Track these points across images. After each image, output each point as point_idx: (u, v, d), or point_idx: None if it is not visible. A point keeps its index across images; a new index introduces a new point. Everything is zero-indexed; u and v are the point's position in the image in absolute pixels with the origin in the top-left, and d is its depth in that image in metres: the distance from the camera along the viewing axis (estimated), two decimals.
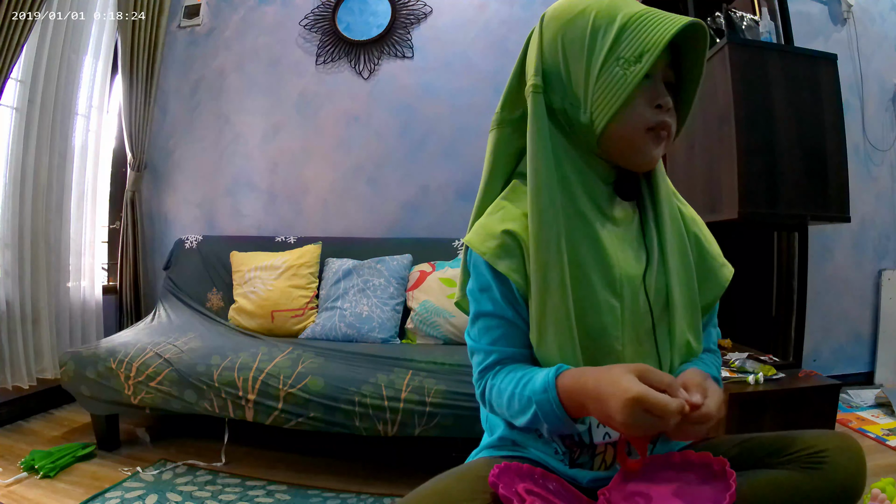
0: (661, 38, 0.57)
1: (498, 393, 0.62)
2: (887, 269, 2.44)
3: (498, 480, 0.55)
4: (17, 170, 1.92)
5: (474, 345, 0.67)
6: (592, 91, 0.61)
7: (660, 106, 0.62)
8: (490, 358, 0.65)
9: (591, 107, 0.61)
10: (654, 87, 0.62)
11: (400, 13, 2.44)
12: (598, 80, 0.60)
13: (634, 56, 0.58)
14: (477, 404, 1.36)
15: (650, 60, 0.57)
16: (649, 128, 0.62)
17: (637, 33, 0.58)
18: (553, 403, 0.56)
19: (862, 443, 1.74)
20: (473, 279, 0.67)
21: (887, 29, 2.52)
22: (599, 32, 0.60)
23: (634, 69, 0.58)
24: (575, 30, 0.62)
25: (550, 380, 0.56)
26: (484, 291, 0.65)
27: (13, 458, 1.59)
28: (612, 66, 0.59)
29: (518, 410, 0.60)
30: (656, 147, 0.63)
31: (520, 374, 0.61)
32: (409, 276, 2.09)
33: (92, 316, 2.28)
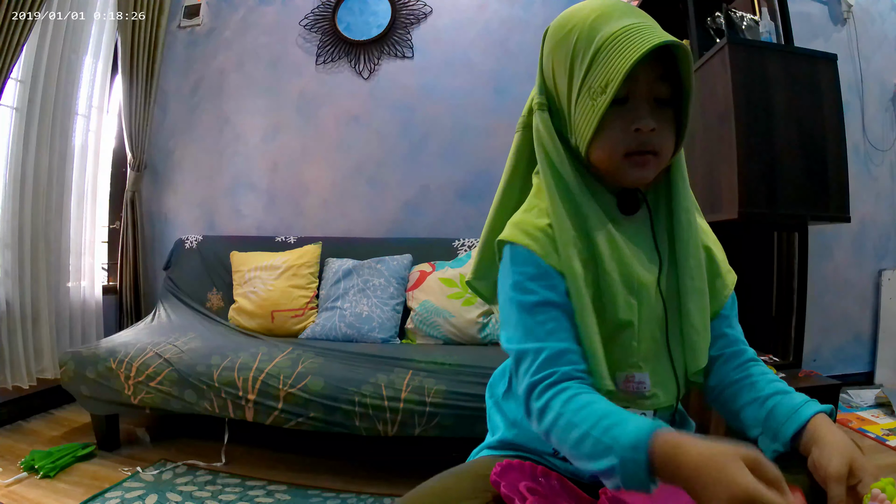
0: (622, 65, 0.55)
1: (567, 425, 0.54)
2: (887, 269, 2.44)
3: (500, 479, 0.55)
4: (17, 170, 1.92)
5: (521, 345, 0.60)
6: (574, 117, 0.62)
7: (638, 129, 0.59)
8: (547, 361, 0.58)
9: (574, 131, 0.62)
10: (631, 111, 0.60)
11: (400, 13, 2.44)
12: (576, 107, 0.61)
13: (601, 86, 0.57)
14: (477, 404, 1.37)
15: (612, 91, 0.56)
16: (628, 153, 0.60)
17: (605, 60, 0.57)
18: (641, 467, 0.48)
19: (862, 443, 1.74)
20: (518, 273, 0.62)
21: (887, 29, 2.52)
22: (577, 60, 0.60)
23: (601, 99, 0.57)
24: (560, 53, 0.62)
25: (643, 439, 0.48)
26: (536, 280, 0.61)
27: (13, 458, 1.59)
28: (584, 95, 0.59)
29: (588, 454, 0.52)
30: (639, 169, 0.61)
31: (597, 409, 0.53)
32: (409, 276, 2.09)
33: (92, 316, 2.28)
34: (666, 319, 0.65)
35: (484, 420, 0.76)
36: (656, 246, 0.66)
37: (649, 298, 0.63)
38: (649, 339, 0.63)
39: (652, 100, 0.61)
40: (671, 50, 0.59)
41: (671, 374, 0.65)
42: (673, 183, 0.67)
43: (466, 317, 1.92)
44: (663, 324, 0.65)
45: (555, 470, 0.64)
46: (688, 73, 0.60)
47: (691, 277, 0.65)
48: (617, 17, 0.59)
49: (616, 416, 0.52)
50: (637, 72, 0.56)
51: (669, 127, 0.63)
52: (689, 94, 0.62)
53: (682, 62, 0.60)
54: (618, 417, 0.52)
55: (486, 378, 1.45)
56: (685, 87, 0.62)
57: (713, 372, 0.68)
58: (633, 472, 0.48)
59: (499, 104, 2.37)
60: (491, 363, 1.51)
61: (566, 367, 0.58)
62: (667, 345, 0.65)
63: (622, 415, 0.52)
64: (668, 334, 0.65)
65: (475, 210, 2.36)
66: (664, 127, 0.62)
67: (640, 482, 0.49)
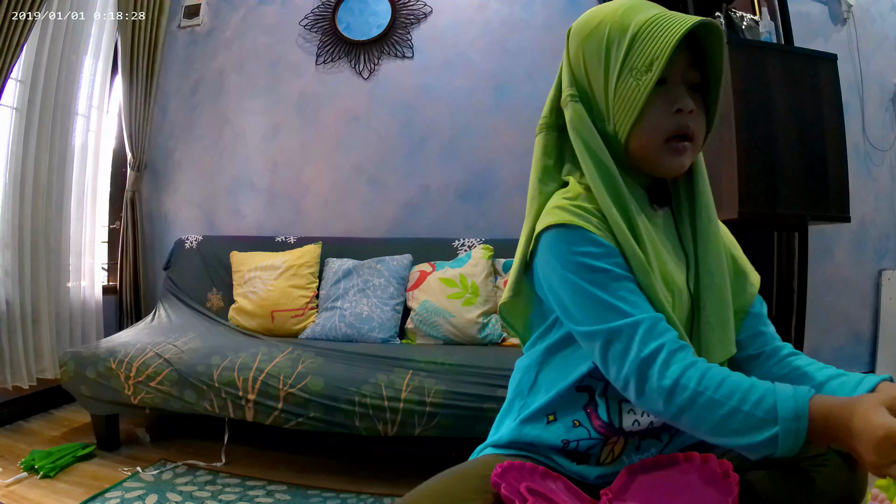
0: (667, 43, 0.57)
1: (709, 403, 0.52)
2: (887, 269, 2.44)
3: (500, 480, 0.54)
4: (17, 170, 1.92)
5: (605, 324, 0.57)
6: (612, 103, 0.62)
7: (679, 110, 0.61)
8: (649, 333, 0.56)
9: (614, 118, 0.62)
10: (671, 92, 0.62)
11: (400, 13, 2.44)
12: (615, 92, 0.61)
13: (645, 65, 0.59)
14: (477, 404, 1.37)
15: (659, 68, 0.57)
16: (668, 138, 0.62)
17: (646, 42, 0.59)
18: (801, 435, 0.49)
19: None
20: (577, 254, 0.60)
21: (887, 29, 2.52)
22: (613, 46, 0.61)
23: (646, 78, 0.58)
24: (592, 44, 0.64)
25: (802, 408, 0.49)
26: (602, 258, 0.59)
27: (13, 458, 1.59)
28: (626, 77, 0.60)
29: (737, 429, 0.52)
30: (676, 157, 0.63)
31: (737, 382, 0.53)
32: (409, 276, 2.09)
33: (92, 316, 2.28)
34: (692, 318, 0.66)
35: (484, 420, 0.76)
36: (682, 243, 0.68)
37: (681, 295, 0.65)
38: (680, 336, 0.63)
39: (687, 86, 0.63)
40: (698, 39, 0.62)
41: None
42: (695, 178, 0.68)
43: (466, 317, 1.92)
44: (688, 324, 0.66)
45: (557, 470, 0.64)
46: (720, 53, 0.62)
47: (711, 273, 0.65)
48: (645, 8, 0.62)
49: (760, 388, 0.52)
50: (672, 57, 0.58)
51: (703, 113, 0.65)
52: (719, 78, 0.64)
53: (716, 42, 0.62)
54: (763, 389, 0.52)
55: (486, 378, 1.46)
56: (717, 70, 0.64)
57: (754, 371, 0.67)
58: (793, 441, 0.49)
59: (499, 104, 2.36)
60: (491, 363, 1.52)
61: (670, 335, 0.57)
62: (693, 340, 0.65)
63: (765, 386, 0.52)
64: (692, 333, 0.66)
65: (475, 210, 2.36)
66: (699, 112, 0.64)
67: (795, 447, 0.50)
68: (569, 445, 0.65)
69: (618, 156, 0.64)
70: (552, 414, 0.66)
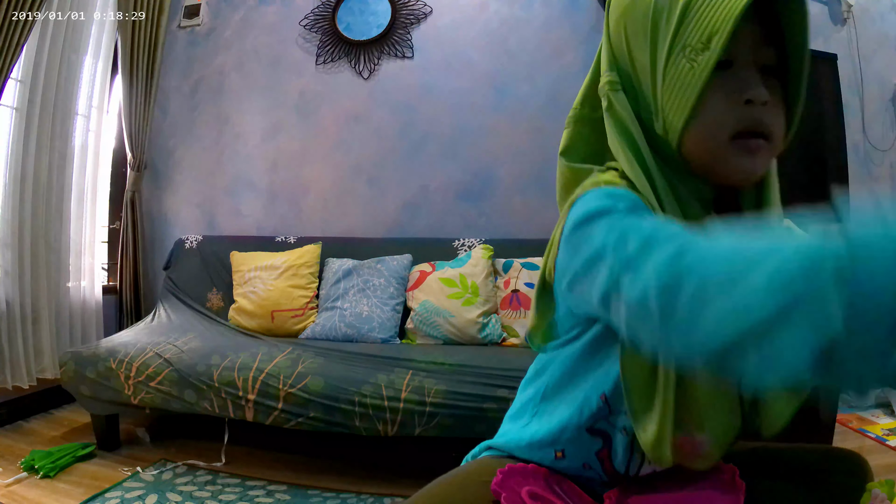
0: (731, 12, 0.43)
1: (719, 258, 0.34)
2: None
3: (500, 489, 0.53)
4: (17, 170, 1.92)
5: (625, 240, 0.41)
6: (661, 92, 0.49)
7: (750, 101, 0.47)
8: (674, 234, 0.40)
9: (663, 112, 0.49)
10: (738, 78, 0.47)
11: (400, 13, 2.44)
12: (665, 77, 0.48)
13: (702, 42, 0.45)
14: (477, 404, 1.37)
15: (720, 43, 0.43)
16: (735, 134, 0.47)
17: (704, 10, 0.45)
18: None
19: (862, 443, 1.74)
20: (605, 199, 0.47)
21: (887, 29, 2.52)
22: (662, 17, 0.48)
23: (703, 58, 0.45)
24: (636, 15, 0.50)
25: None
26: (634, 205, 0.47)
27: (13, 458, 1.59)
28: (678, 57, 0.46)
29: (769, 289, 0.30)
30: (748, 157, 0.48)
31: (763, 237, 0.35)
32: (408, 276, 2.09)
33: (92, 316, 2.28)
34: None
35: (484, 420, 0.75)
36: None
37: None
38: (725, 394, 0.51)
39: (759, 69, 0.48)
40: (772, 9, 0.48)
41: (733, 428, 0.54)
42: (765, 190, 0.53)
43: (466, 317, 1.92)
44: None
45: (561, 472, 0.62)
46: (803, 26, 0.48)
47: None
48: None
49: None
50: (738, 30, 0.44)
51: (780, 104, 0.50)
52: (803, 57, 0.49)
53: (796, 12, 0.47)
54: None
55: (486, 378, 1.46)
56: (799, 47, 0.49)
57: None
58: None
59: (499, 104, 2.36)
60: (491, 363, 1.52)
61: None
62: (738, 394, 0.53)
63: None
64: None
65: (475, 210, 2.36)
66: (776, 102, 0.49)
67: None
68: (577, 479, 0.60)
69: (670, 159, 0.51)
70: (560, 451, 0.58)
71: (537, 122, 2.29)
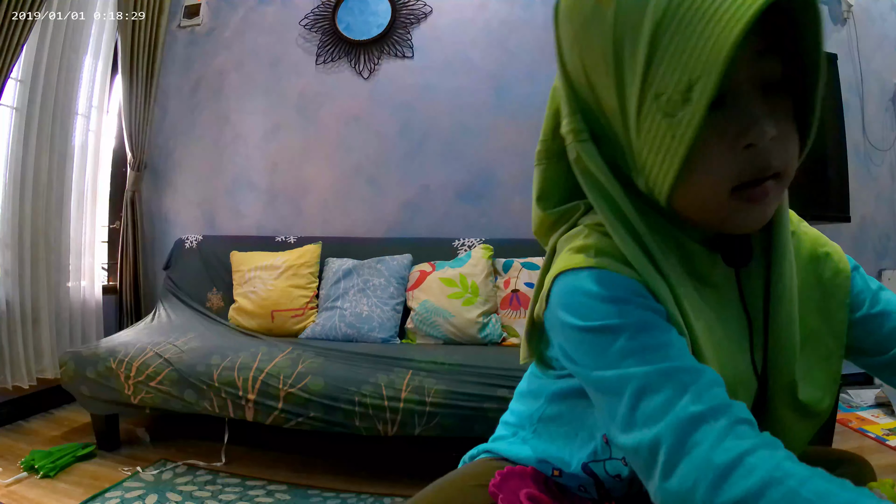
0: (716, 50, 0.33)
1: (788, 498, 0.31)
2: (887, 269, 2.44)
3: (498, 490, 0.52)
4: (17, 170, 1.92)
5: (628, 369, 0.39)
6: (637, 145, 0.39)
7: (751, 145, 0.38)
8: (706, 386, 0.38)
9: (643, 168, 0.40)
10: (735, 116, 0.38)
11: (400, 13, 2.44)
12: (638, 130, 0.38)
13: (680, 91, 0.35)
14: (477, 404, 1.37)
15: (705, 95, 0.34)
16: (738, 185, 0.39)
17: (679, 45, 0.34)
18: None
19: (862, 443, 1.74)
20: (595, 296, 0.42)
21: (887, 29, 2.52)
22: (625, 50, 0.37)
23: (684, 113, 0.35)
24: (592, 44, 0.39)
25: None
26: (633, 297, 0.42)
27: (13, 458, 1.59)
28: (650, 108, 0.37)
29: None
30: (755, 208, 0.40)
31: (826, 482, 0.32)
32: (409, 275, 2.09)
33: (92, 316, 2.28)
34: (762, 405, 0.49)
35: (484, 420, 0.75)
36: (744, 306, 0.49)
37: (745, 387, 0.47)
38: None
39: (760, 88, 0.39)
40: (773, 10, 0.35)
41: None
42: (776, 226, 0.47)
43: (466, 316, 1.92)
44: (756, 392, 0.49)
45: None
46: (816, 28, 0.37)
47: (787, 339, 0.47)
48: None
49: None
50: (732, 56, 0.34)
51: (791, 126, 0.41)
52: (817, 67, 0.39)
53: (804, 14, 0.37)
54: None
55: (486, 378, 1.46)
56: (810, 49, 0.39)
57: None
58: None
59: (499, 104, 2.36)
60: (491, 363, 1.52)
61: (740, 403, 0.37)
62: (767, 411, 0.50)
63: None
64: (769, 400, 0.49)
65: (475, 210, 2.36)
66: (785, 128, 0.40)
67: None
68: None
69: (661, 209, 0.43)
70: (558, 470, 0.55)
71: (537, 122, 2.24)
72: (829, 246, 0.53)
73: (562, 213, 0.51)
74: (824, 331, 0.50)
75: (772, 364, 0.47)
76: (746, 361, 0.48)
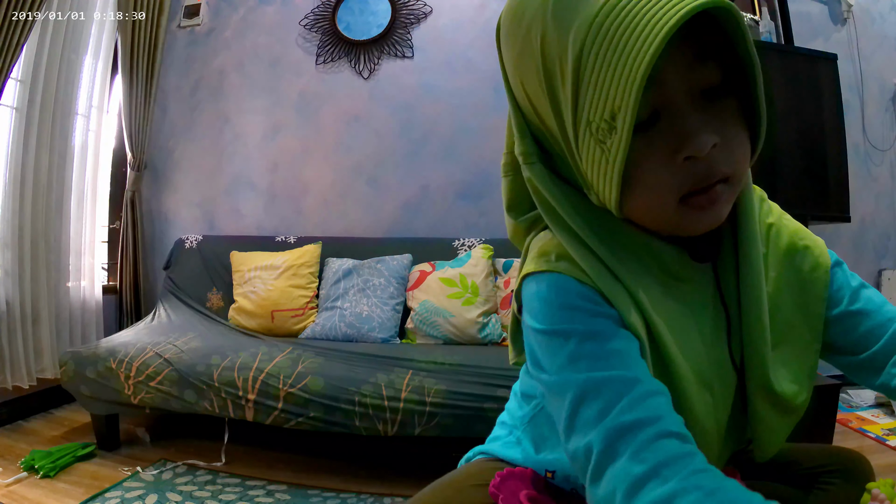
0: (630, 79, 0.34)
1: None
2: (887, 269, 2.44)
3: (498, 491, 0.52)
4: (17, 170, 1.92)
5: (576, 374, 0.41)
6: (581, 166, 0.41)
7: (690, 157, 0.38)
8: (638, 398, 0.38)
9: (591, 186, 0.42)
10: (671, 130, 0.38)
11: (400, 13, 2.44)
12: (578, 153, 0.40)
13: (605, 119, 0.36)
14: (477, 404, 1.37)
15: (626, 125, 0.35)
16: (685, 196, 0.40)
17: (599, 76, 0.35)
18: None
19: (862, 443, 1.74)
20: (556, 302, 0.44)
21: (887, 29, 2.52)
22: (556, 80, 0.39)
23: (612, 141, 0.36)
24: (529, 72, 0.41)
25: None
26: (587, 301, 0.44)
27: (13, 458, 1.59)
28: (585, 134, 0.38)
29: None
30: (707, 212, 0.41)
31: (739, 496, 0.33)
32: (409, 275, 2.09)
33: (92, 316, 2.28)
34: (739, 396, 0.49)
35: (484, 420, 0.75)
36: (722, 298, 0.49)
37: (723, 380, 0.48)
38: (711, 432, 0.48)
39: (697, 96, 0.39)
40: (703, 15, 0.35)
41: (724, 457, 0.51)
42: (739, 218, 0.47)
43: (466, 316, 1.92)
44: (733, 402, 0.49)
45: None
46: (742, 33, 0.38)
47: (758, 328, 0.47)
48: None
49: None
50: (657, 65, 0.35)
51: (737, 127, 0.41)
52: (753, 64, 0.39)
53: (727, 21, 0.37)
54: None
55: (486, 378, 1.46)
56: (742, 55, 0.39)
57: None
58: None
59: (499, 104, 2.36)
60: (491, 363, 1.52)
61: (675, 417, 0.38)
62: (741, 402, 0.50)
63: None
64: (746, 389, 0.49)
65: (475, 210, 2.36)
66: (730, 132, 0.40)
67: None
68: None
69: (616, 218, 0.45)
70: (551, 472, 0.56)
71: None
72: (810, 240, 0.53)
73: (532, 221, 0.52)
74: (801, 324, 0.50)
75: (746, 356, 0.48)
76: (724, 354, 0.48)
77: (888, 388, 0.47)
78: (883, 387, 0.48)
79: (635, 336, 0.43)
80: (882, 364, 0.48)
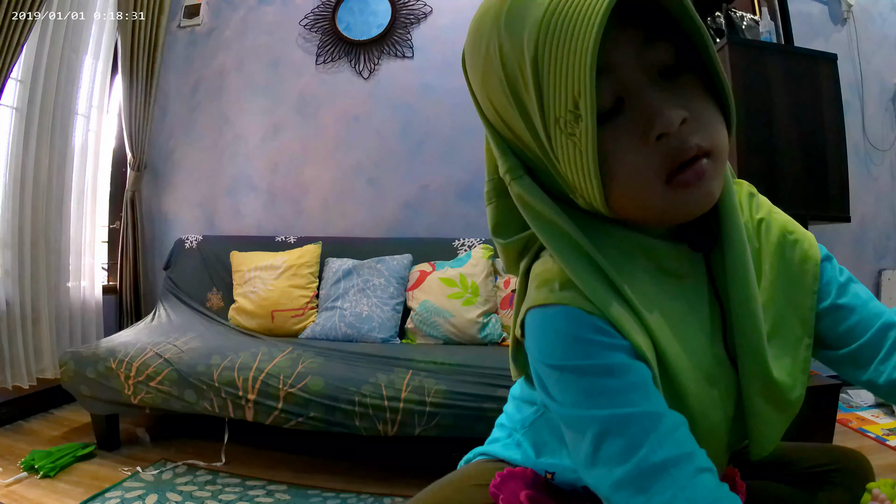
0: (580, 63, 0.35)
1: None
2: (887, 269, 2.44)
3: (499, 491, 0.52)
4: (17, 170, 1.92)
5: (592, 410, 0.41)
6: (560, 168, 0.41)
7: (663, 134, 0.39)
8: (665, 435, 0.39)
9: (574, 188, 0.42)
10: (636, 114, 0.39)
11: (400, 13, 2.44)
12: (555, 155, 0.41)
13: (570, 109, 0.37)
14: (477, 404, 1.37)
15: (589, 108, 0.36)
16: (669, 177, 0.40)
17: (555, 69, 0.37)
18: None
19: (862, 443, 1.74)
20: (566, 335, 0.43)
21: (887, 29, 2.52)
22: (519, 85, 0.40)
23: (580, 129, 0.37)
24: (493, 87, 0.43)
25: None
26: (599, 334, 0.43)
27: (13, 458, 1.59)
28: (556, 133, 0.39)
29: None
30: (696, 189, 0.40)
31: None
32: (409, 275, 2.09)
33: (92, 316, 2.28)
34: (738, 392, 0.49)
35: (484, 420, 0.75)
36: (716, 291, 0.49)
37: (722, 375, 0.47)
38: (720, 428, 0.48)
39: (655, 76, 0.40)
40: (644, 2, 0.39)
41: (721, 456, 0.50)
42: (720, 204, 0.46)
43: (466, 317, 1.92)
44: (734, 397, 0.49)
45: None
46: (684, 9, 0.39)
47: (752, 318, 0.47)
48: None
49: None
50: (609, 52, 0.38)
51: (705, 102, 0.41)
52: (703, 38, 0.40)
53: (669, 1, 0.39)
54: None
55: (486, 378, 1.46)
56: (691, 30, 0.40)
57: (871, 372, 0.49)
58: None
59: None
60: (491, 363, 1.52)
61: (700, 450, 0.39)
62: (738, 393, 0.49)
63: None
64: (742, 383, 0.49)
65: (475, 210, 2.36)
66: (697, 106, 0.40)
67: None
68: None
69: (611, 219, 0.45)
70: (551, 474, 0.56)
71: None
72: (799, 232, 0.53)
73: (524, 242, 0.51)
74: (792, 317, 0.50)
75: (739, 349, 0.47)
76: (721, 348, 0.48)
77: (875, 385, 0.47)
78: (870, 383, 0.48)
79: (644, 359, 0.42)
80: (867, 359, 0.48)
